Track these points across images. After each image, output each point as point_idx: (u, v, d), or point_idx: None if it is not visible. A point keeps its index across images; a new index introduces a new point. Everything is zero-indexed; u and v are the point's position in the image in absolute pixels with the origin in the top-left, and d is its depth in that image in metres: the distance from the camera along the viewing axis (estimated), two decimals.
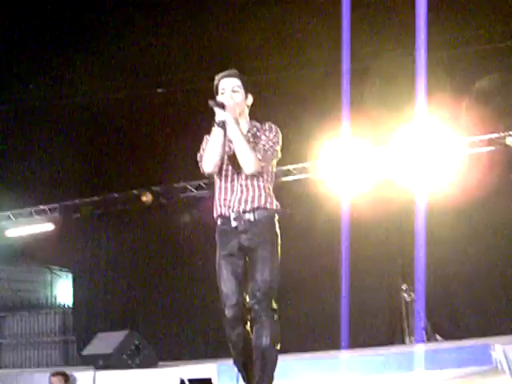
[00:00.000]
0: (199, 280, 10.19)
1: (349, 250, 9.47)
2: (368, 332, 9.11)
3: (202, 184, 10.39)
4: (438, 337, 9.16)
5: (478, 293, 8.93)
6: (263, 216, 3.27)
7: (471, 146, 9.36)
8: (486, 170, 9.23)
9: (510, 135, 9.14)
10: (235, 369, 3.42)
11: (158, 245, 10.63)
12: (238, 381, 3.40)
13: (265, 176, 3.32)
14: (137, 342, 7.07)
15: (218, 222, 3.29)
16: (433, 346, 7.82)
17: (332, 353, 6.86)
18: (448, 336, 8.80)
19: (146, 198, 10.39)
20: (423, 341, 9.53)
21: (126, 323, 9.60)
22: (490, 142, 9.33)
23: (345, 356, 5.94)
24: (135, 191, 10.55)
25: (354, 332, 9.08)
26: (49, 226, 11.37)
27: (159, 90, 8.37)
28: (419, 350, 6.50)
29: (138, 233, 10.86)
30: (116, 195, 10.71)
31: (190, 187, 10.49)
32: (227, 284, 3.19)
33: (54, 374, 6.13)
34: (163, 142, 9.31)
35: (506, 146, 9.16)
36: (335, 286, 9.43)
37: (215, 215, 3.30)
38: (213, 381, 6.00)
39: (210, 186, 10.21)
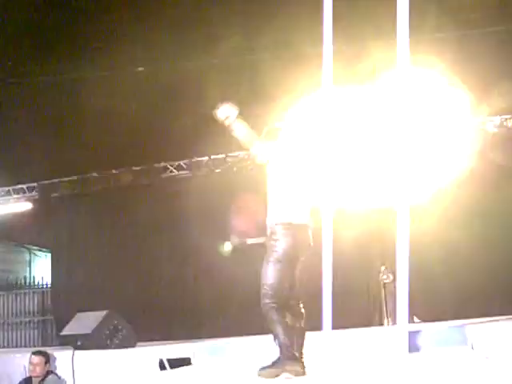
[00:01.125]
0: (179, 261, 10.19)
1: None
2: (347, 314, 9.19)
3: (182, 164, 10.33)
4: (415, 318, 9.29)
5: (455, 276, 9.05)
6: (275, 228, 3.76)
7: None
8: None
9: (491, 121, 9.23)
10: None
11: (137, 225, 10.57)
12: None
13: (280, 193, 3.84)
14: (116, 322, 7.02)
15: None
16: (410, 327, 7.91)
17: (311, 334, 6.90)
18: (425, 317, 8.92)
19: (126, 177, 10.32)
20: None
21: (105, 303, 9.57)
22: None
23: (324, 337, 5.98)
24: (115, 171, 10.46)
25: (333, 313, 9.15)
26: (27, 205, 11.24)
27: (139, 69, 8.25)
28: (397, 331, 6.56)
29: (117, 213, 10.79)
30: (95, 175, 10.60)
31: (170, 167, 10.42)
32: None
33: (36, 354, 6.06)
34: (143, 122, 9.20)
35: (486, 131, 9.24)
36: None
37: None
38: (192, 360, 6.02)
39: (191, 166, 10.19)
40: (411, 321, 9.20)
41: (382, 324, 9.13)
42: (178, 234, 10.28)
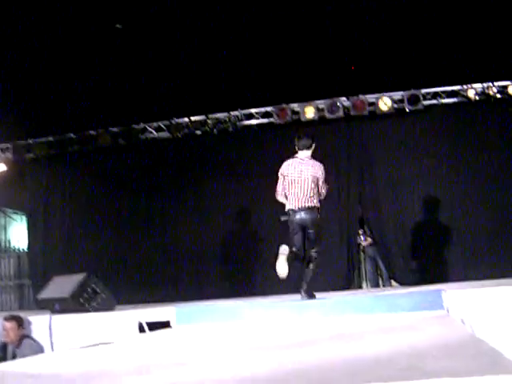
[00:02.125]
0: (157, 224, 10.12)
1: None
2: (325, 276, 9.27)
3: (161, 125, 10.18)
4: (392, 282, 9.42)
5: (432, 241, 9.16)
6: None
7: (434, 96, 9.42)
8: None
9: (472, 88, 9.23)
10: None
11: (115, 187, 10.43)
12: None
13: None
14: (94, 286, 6.97)
15: None
16: (388, 290, 8.01)
17: (291, 296, 6.96)
18: (402, 281, 9.04)
19: (104, 139, 10.14)
20: (378, 285, 9.79)
21: (83, 267, 9.50)
22: (453, 94, 9.41)
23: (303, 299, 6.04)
24: (92, 132, 10.26)
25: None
26: (1, 167, 11.01)
27: (118, 26, 8.00)
28: (375, 294, 6.64)
29: (95, 175, 10.61)
30: (72, 136, 10.40)
31: (149, 128, 10.26)
32: None
33: (7, 319, 5.96)
34: (122, 81, 8.98)
35: (468, 98, 9.26)
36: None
37: None
38: (171, 324, 6.02)
39: (171, 128, 10.04)
40: (389, 285, 9.33)
41: (360, 287, 9.24)
42: (157, 196, 10.20)
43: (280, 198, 6.35)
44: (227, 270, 9.70)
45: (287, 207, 6.16)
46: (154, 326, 6.08)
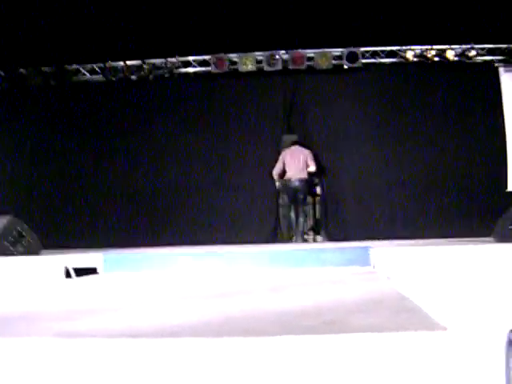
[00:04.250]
0: (88, 167, 9.84)
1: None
2: (255, 228, 9.39)
3: (95, 68, 9.81)
4: (318, 237, 9.66)
5: (362, 198, 9.41)
6: None
7: (372, 55, 9.51)
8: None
9: (410, 49, 9.38)
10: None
11: (45, 129, 10.03)
12: None
13: None
14: (19, 228, 6.77)
15: None
16: (315, 245, 8.21)
17: (223, 247, 7.03)
18: (332, 237, 9.28)
19: (34, 78, 9.66)
20: (307, 240, 10.01)
21: (8, 209, 9.17)
22: (392, 54, 9.52)
23: (232, 251, 6.10)
24: (22, 70, 9.75)
25: (238, 229, 9.37)
26: None
27: None
28: (303, 248, 6.78)
29: (24, 115, 10.13)
30: (1, 73, 9.85)
31: (82, 70, 9.86)
32: None
33: None
34: (56, 18, 8.50)
35: (406, 59, 9.40)
36: (230, 184, 9.57)
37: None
38: (98, 270, 5.95)
39: (105, 71, 9.69)
40: (314, 239, 9.57)
41: (290, 239, 9.39)
42: (89, 139, 9.91)
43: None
44: (160, 217, 9.62)
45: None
46: (80, 272, 5.98)
